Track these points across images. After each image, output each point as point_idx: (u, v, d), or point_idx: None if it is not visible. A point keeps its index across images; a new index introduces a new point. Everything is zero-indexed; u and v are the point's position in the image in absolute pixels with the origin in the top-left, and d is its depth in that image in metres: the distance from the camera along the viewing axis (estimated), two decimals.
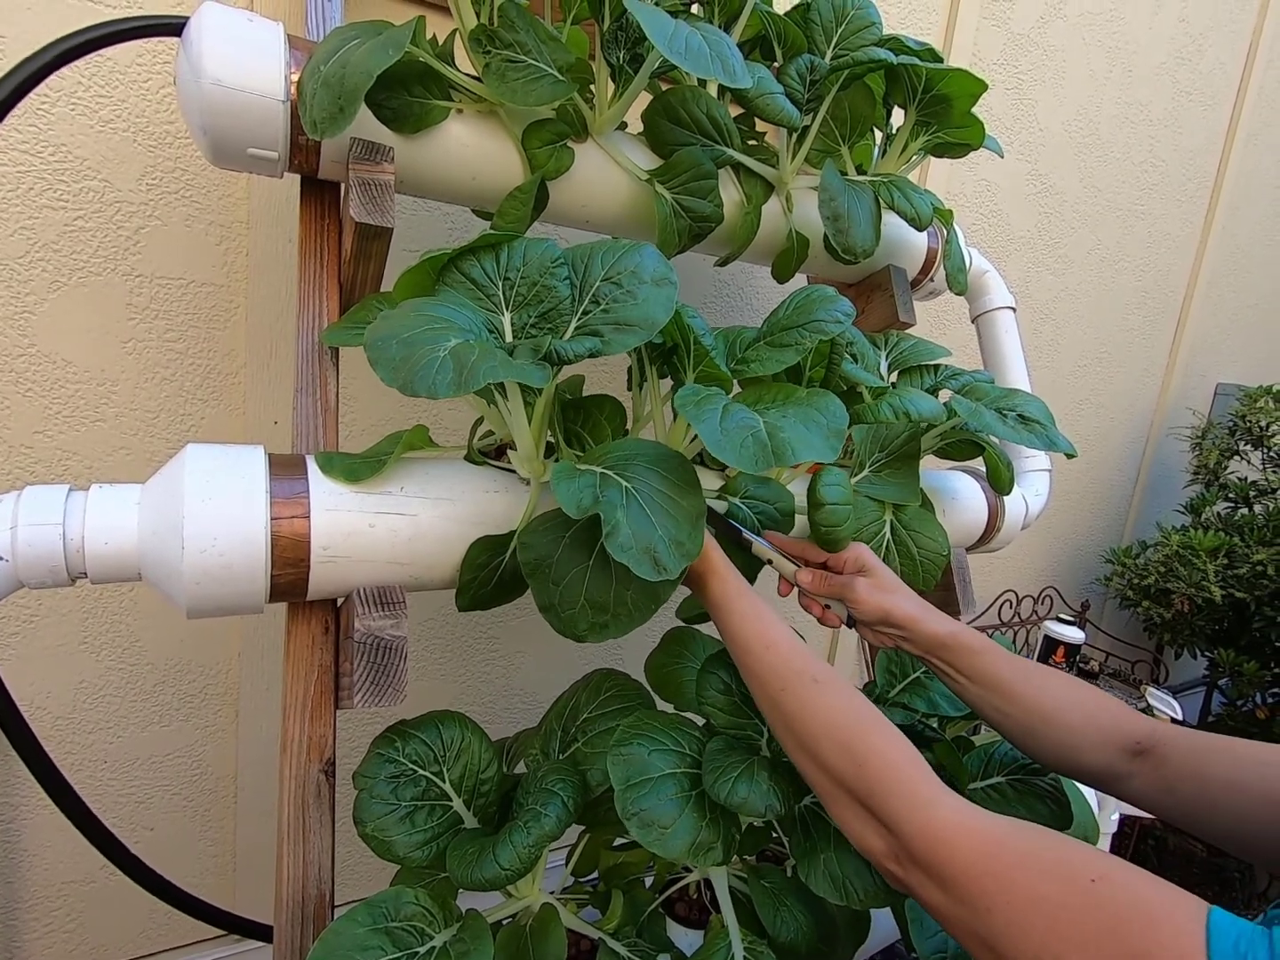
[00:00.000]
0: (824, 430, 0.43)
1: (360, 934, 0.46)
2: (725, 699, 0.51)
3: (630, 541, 0.40)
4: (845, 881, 0.43)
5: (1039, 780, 0.63)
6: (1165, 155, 1.88)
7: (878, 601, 0.59)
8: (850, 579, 0.60)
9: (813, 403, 0.46)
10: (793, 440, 0.41)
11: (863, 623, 0.61)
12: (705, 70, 0.57)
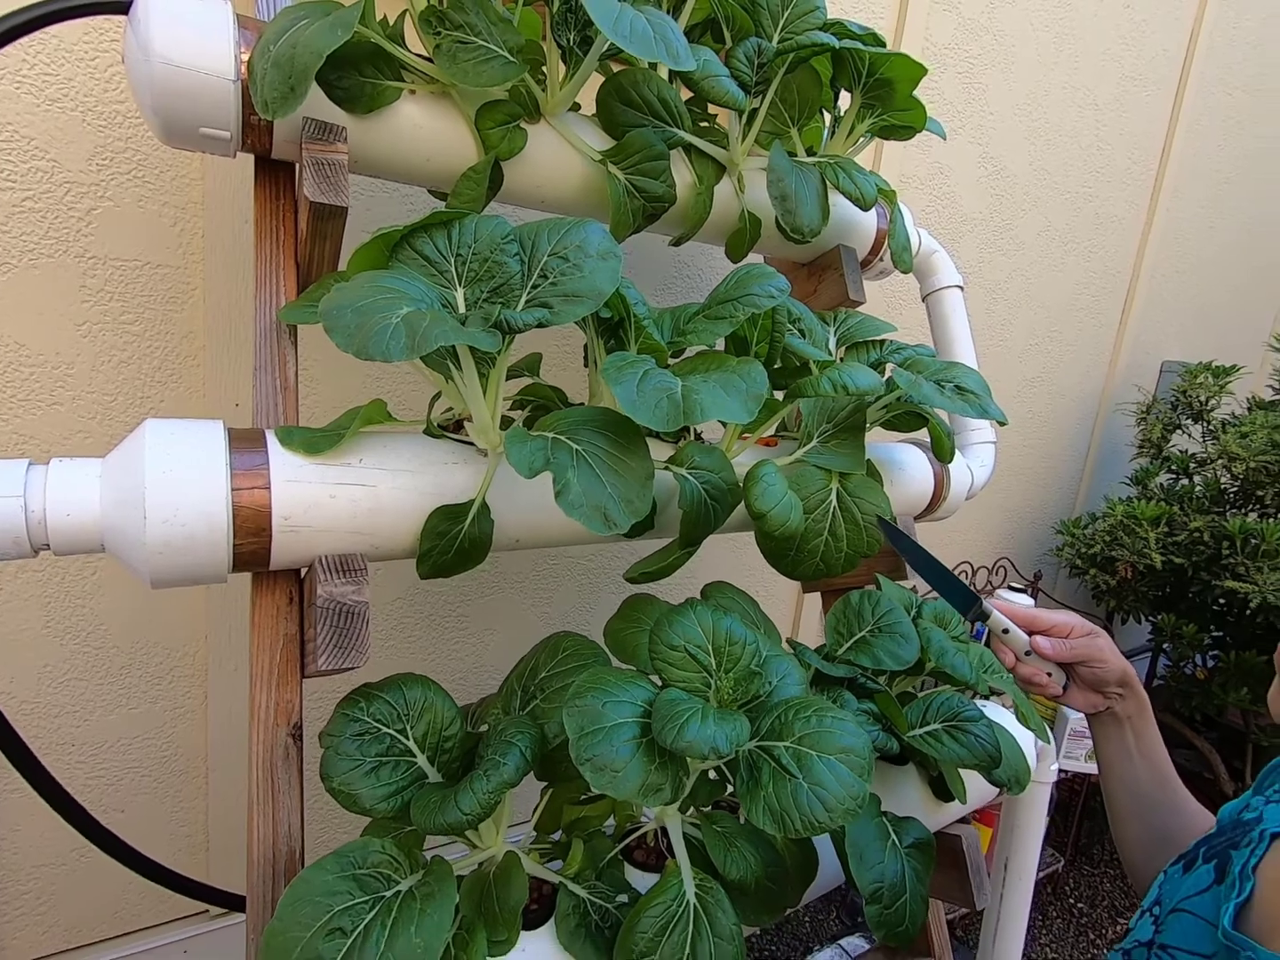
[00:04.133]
0: (742, 394, 0.46)
1: (329, 880, 0.48)
2: (676, 654, 0.54)
3: (581, 499, 0.42)
4: (783, 814, 0.47)
5: (972, 726, 0.67)
6: (1111, 139, 1.94)
7: (1119, 661, 0.61)
8: (1094, 639, 0.62)
9: (737, 369, 0.49)
10: (705, 401, 0.44)
11: (1094, 684, 0.62)
12: (649, 53, 0.59)
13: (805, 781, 0.47)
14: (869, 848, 0.60)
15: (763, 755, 0.50)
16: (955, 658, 0.73)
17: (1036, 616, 0.63)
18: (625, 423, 0.50)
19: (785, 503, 0.60)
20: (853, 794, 0.47)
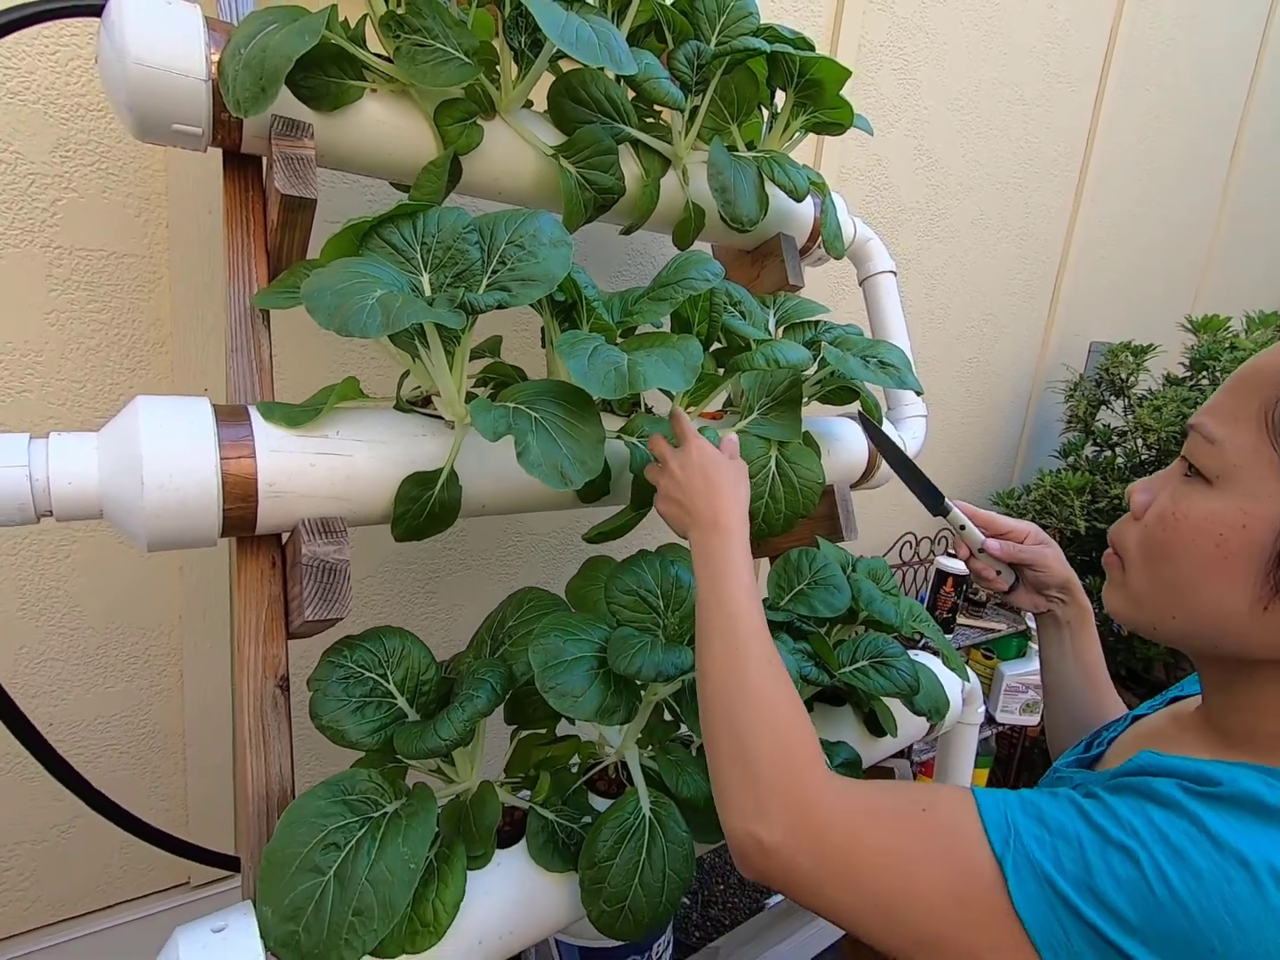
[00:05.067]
0: (681, 365, 0.53)
1: (321, 804, 0.54)
2: (629, 598, 0.61)
3: (540, 459, 0.49)
4: None
5: (894, 661, 0.76)
6: (1039, 133, 2.06)
7: (1062, 568, 0.69)
8: (1041, 549, 0.69)
9: (676, 345, 0.56)
10: (647, 372, 0.51)
11: (1040, 586, 0.70)
12: (594, 58, 0.65)
13: None
14: None
15: None
16: (882, 604, 0.82)
17: (994, 520, 0.71)
18: (578, 393, 0.56)
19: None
20: None
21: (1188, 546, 0.42)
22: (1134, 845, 0.33)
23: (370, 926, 0.50)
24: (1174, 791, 0.35)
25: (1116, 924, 0.33)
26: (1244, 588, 0.40)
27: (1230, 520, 0.40)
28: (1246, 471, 0.40)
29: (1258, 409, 0.40)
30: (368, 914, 0.50)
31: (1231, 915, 0.31)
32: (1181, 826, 0.33)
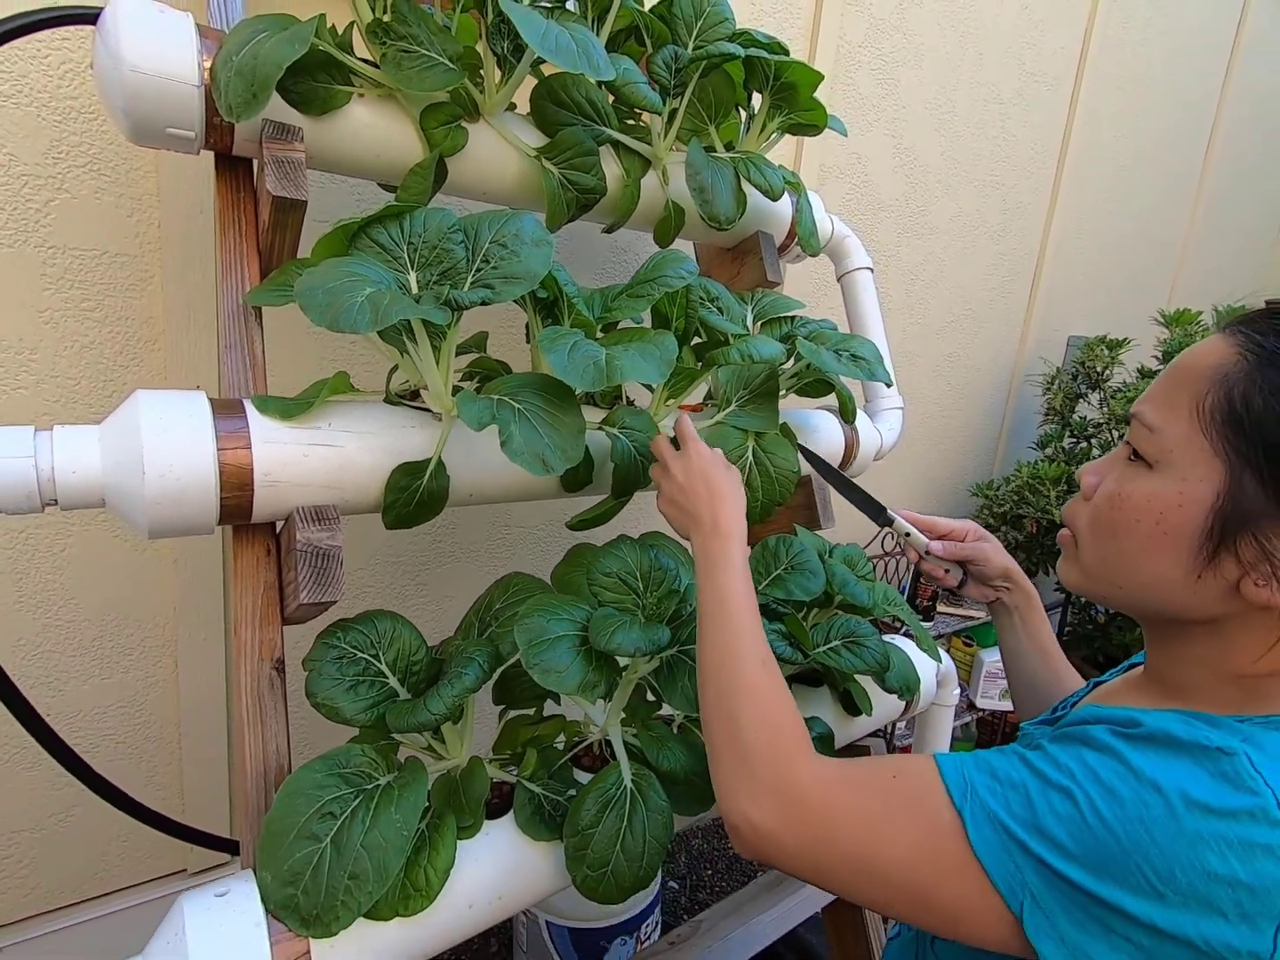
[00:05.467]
0: (656, 359, 0.57)
1: (318, 777, 0.57)
2: (610, 580, 0.64)
3: (523, 447, 0.52)
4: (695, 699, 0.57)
5: (866, 641, 0.80)
6: (1015, 131, 2.10)
7: (1001, 560, 0.74)
8: (979, 545, 0.75)
9: (652, 339, 0.59)
10: (624, 365, 0.54)
11: (982, 579, 0.75)
12: (573, 65, 0.68)
13: None
14: None
15: (681, 657, 0.61)
16: (856, 588, 0.86)
17: (935, 523, 0.77)
18: (559, 385, 0.59)
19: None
20: None
21: (1132, 525, 0.46)
22: (1070, 785, 0.38)
23: (365, 889, 0.53)
24: (1104, 735, 0.40)
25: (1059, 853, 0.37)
26: (1180, 560, 0.44)
27: (1169, 500, 0.44)
28: (1181, 456, 0.44)
29: (1189, 400, 0.44)
30: (363, 877, 0.53)
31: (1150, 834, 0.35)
32: (1110, 765, 0.38)
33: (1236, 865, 0.34)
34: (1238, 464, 0.42)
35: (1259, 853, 0.34)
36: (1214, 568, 0.43)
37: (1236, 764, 0.36)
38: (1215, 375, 0.44)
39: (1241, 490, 0.42)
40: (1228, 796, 0.35)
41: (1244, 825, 0.34)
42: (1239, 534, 0.42)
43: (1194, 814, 0.35)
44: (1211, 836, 0.34)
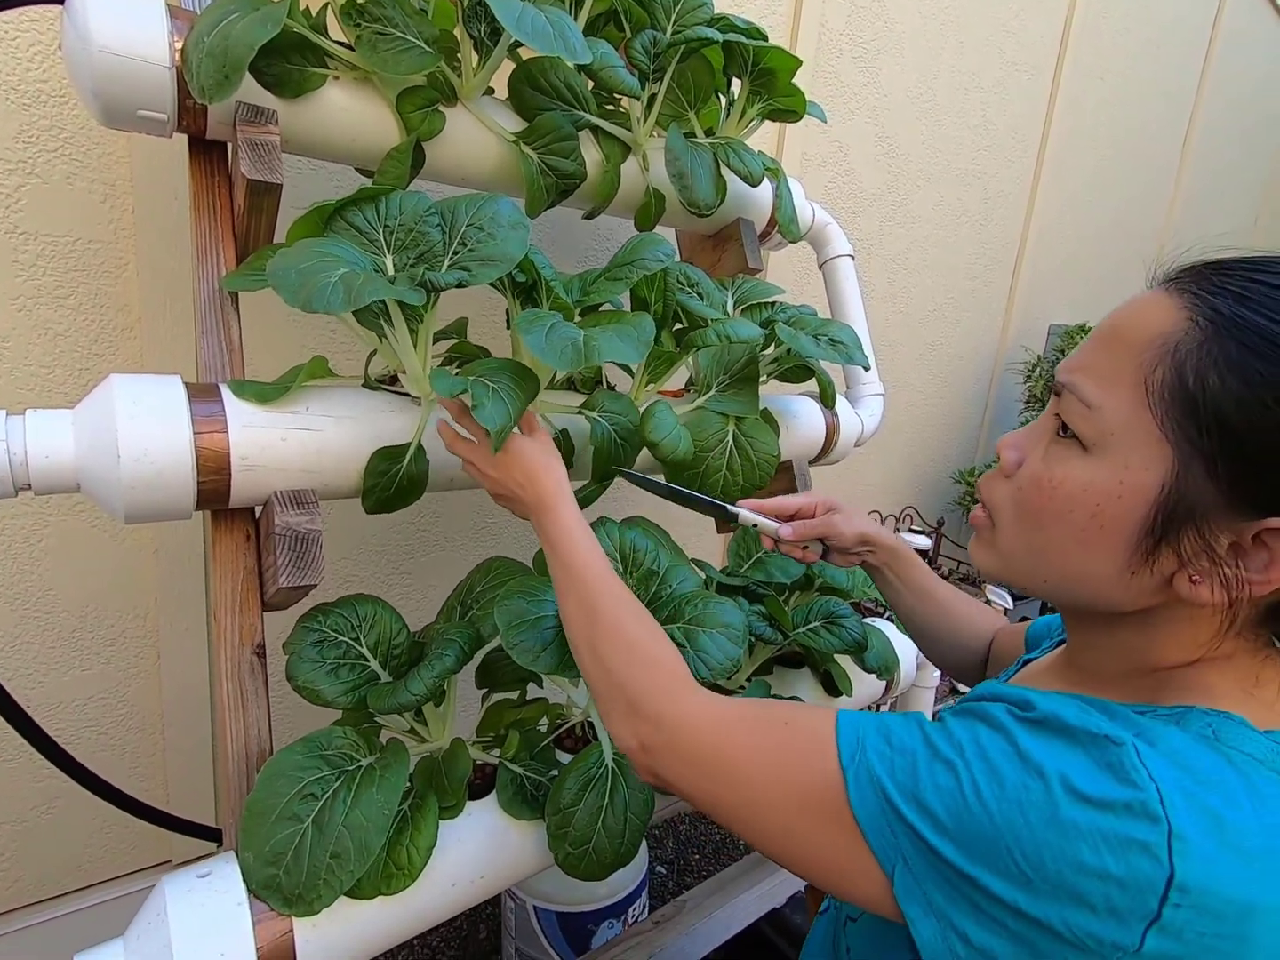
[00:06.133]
0: (634, 340, 0.57)
1: (299, 759, 0.57)
2: None
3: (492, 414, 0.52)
4: None
5: (844, 621, 0.81)
6: (996, 119, 2.12)
7: (852, 528, 0.71)
8: (827, 518, 0.71)
9: (630, 321, 0.59)
10: (602, 346, 0.54)
11: (839, 550, 0.72)
12: (549, 48, 0.68)
13: (692, 649, 0.59)
14: None
15: None
16: (836, 571, 0.87)
17: (782, 504, 0.73)
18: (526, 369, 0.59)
19: (674, 433, 0.71)
20: (729, 656, 0.59)
21: (1061, 515, 0.42)
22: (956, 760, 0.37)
23: (347, 868, 0.53)
24: (1000, 714, 0.38)
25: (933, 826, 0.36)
26: (1115, 555, 0.40)
27: (1107, 491, 0.40)
28: (1123, 439, 0.39)
29: (1133, 374, 0.39)
30: (344, 856, 0.53)
31: (1025, 819, 0.34)
32: (1000, 744, 0.37)
33: (1109, 859, 0.32)
34: (1187, 451, 0.37)
35: (1134, 849, 0.32)
36: (1150, 563, 0.39)
37: (1123, 754, 0.34)
38: (1164, 345, 0.38)
39: (1189, 481, 0.38)
40: (1109, 787, 0.33)
41: (1122, 819, 0.32)
42: (1182, 528, 0.38)
43: (1073, 802, 0.33)
44: (1087, 827, 0.33)
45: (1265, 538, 0.36)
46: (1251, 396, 0.35)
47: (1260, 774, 0.34)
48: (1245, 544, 0.37)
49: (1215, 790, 0.33)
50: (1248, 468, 0.36)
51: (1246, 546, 0.37)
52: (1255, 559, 0.37)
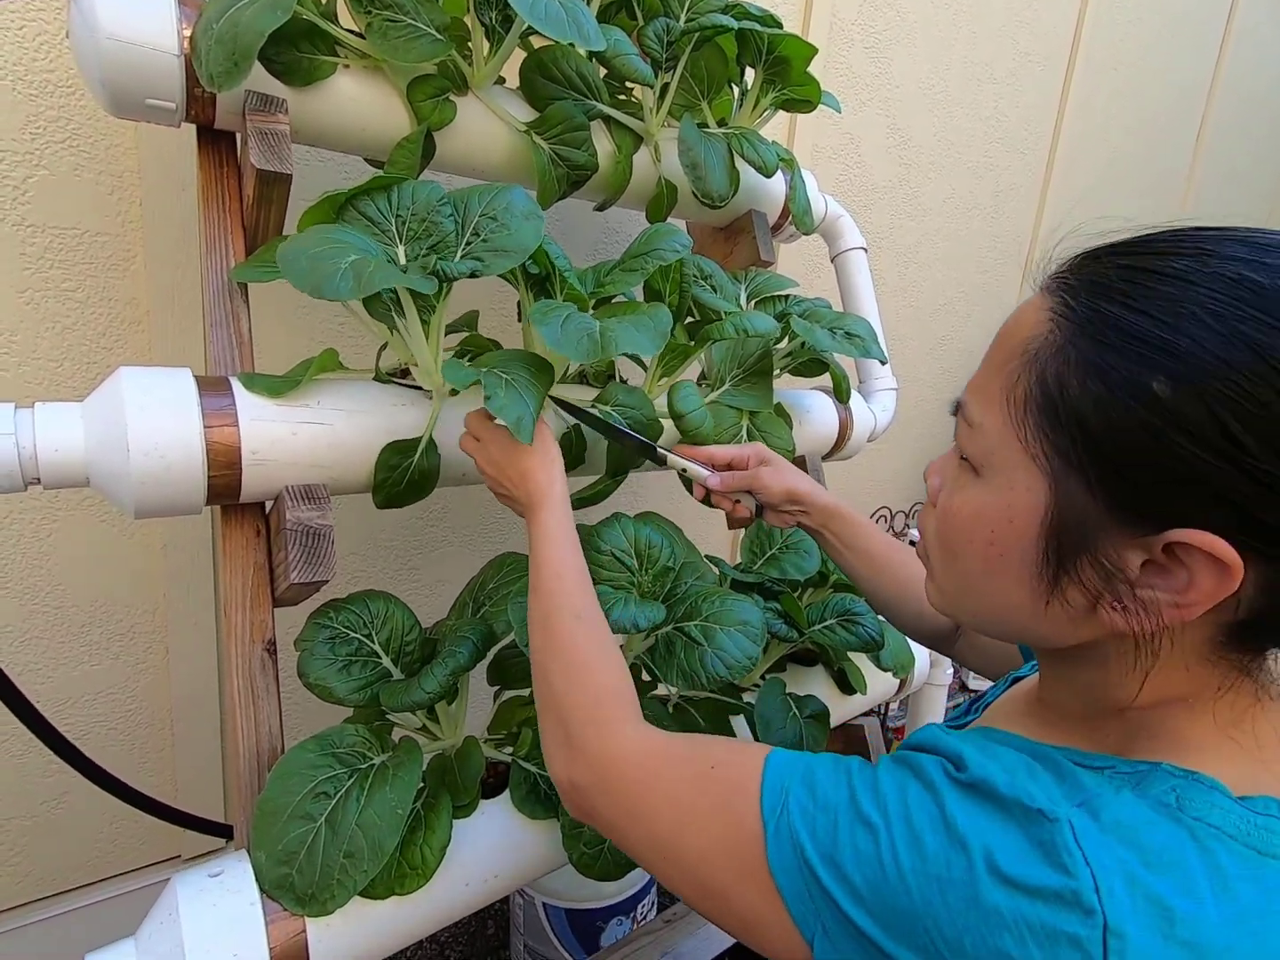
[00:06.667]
0: (650, 331, 0.56)
1: (311, 757, 0.56)
2: (605, 557, 0.64)
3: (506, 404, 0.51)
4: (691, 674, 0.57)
5: (861, 619, 0.80)
6: (1008, 111, 2.09)
7: (780, 483, 0.66)
8: (755, 470, 0.68)
9: (646, 312, 0.58)
10: (618, 337, 0.53)
11: (769, 506, 0.68)
12: (563, 34, 0.67)
13: (710, 648, 0.58)
14: (774, 718, 0.72)
15: (677, 633, 0.61)
16: None
17: (712, 454, 0.69)
18: (540, 359, 0.58)
19: (700, 410, 0.71)
20: (747, 654, 0.58)
21: (965, 544, 0.39)
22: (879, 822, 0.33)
23: (361, 867, 0.52)
24: (932, 771, 0.34)
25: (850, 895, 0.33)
26: (1022, 586, 0.37)
27: (998, 516, 0.37)
28: (1004, 460, 0.36)
29: (1001, 387, 0.36)
30: (358, 856, 0.52)
31: (944, 898, 0.30)
32: (927, 807, 0.33)
33: (1035, 952, 0.28)
34: (1060, 467, 0.34)
35: (1063, 943, 0.28)
36: (1059, 592, 0.36)
37: (1055, 833, 0.30)
38: (1025, 354, 0.35)
39: (1069, 499, 0.34)
40: (1037, 871, 0.29)
41: (1051, 909, 0.28)
42: (1078, 550, 0.34)
43: (996, 884, 0.30)
44: (1011, 915, 0.29)
45: (1179, 552, 0.32)
46: (1110, 396, 0.32)
47: (1228, 852, 0.30)
48: (1161, 561, 0.32)
49: (1167, 874, 0.29)
50: (1121, 476, 0.32)
51: (1163, 564, 0.32)
52: (1175, 578, 0.32)
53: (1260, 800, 0.32)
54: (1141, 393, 0.31)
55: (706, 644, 0.58)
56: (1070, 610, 0.36)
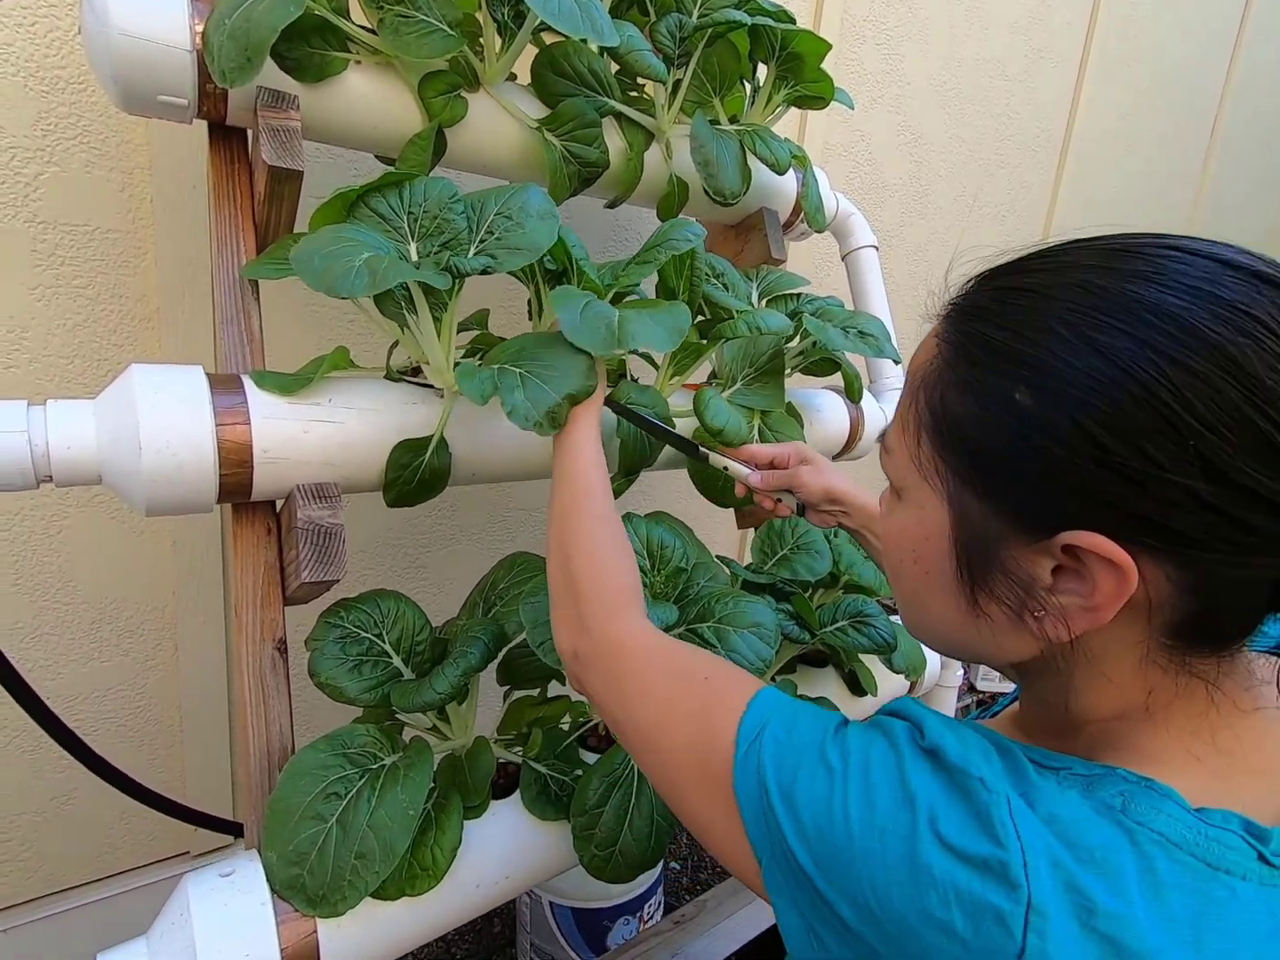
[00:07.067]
0: (667, 327, 0.55)
1: (322, 757, 0.56)
2: None
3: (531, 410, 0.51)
4: None
5: (873, 620, 0.79)
6: (1020, 109, 2.07)
7: (820, 483, 0.67)
8: (795, 469, 0.68)
9: (664, 308, 0.58)
10: (636, 330, 0.53)
11: (810, 506, 0.69)
12: (576, 29, 0.66)
13: (724, 650, 0.57)
14: None
15: (691, 635, 0.60)
16: (862, 567, 0.85)
17: (754, 453, 0.71)
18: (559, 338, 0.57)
19: (734, 419, 0.70)
20: (761, 656, 0.57)
21: (898, 564, 0.41)
22: (838, 769, 0.34)
23: (372, 869, 0.52)
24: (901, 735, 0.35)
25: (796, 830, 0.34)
26: (950, 599, 0.38)
27: (916, 535, 0.39)
28: (911, 481, 0.38)
29: (902, 414, 0.39)
30: (369, 857, 0.52)
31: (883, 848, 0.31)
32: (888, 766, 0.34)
33: (958, 917, 0.29)
34: (955, 485, 0.36)
35: (987, 913, 0.28)
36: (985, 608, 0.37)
37: (993, 804, 0.30)
38: (915, 379, 0.38)
39: (967, 516, 0.35)
40: (972, 837, 0.30)
41: (981, 879, 0.29)
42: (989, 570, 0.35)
43: (933, 844, 0.30)
44: (941, 876, 0.29)
45: (1080, 555, 0.32)
46: (983, 411, 0.34)
47: (1169, 859, 0.30)
48: (1068, 565, 0.33)
49: (1095, 870, 0.29)
50: (1006, 486, 0.34)
51: (1072, 569, 0.33)
52: (1083, 582, 0.33)
53: (1219, 814, 0.31)
54: (1008, 404, 0.33)
55: (720, 646, 0.57)
56: (998, 624, 0.36)
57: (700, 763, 0.39)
